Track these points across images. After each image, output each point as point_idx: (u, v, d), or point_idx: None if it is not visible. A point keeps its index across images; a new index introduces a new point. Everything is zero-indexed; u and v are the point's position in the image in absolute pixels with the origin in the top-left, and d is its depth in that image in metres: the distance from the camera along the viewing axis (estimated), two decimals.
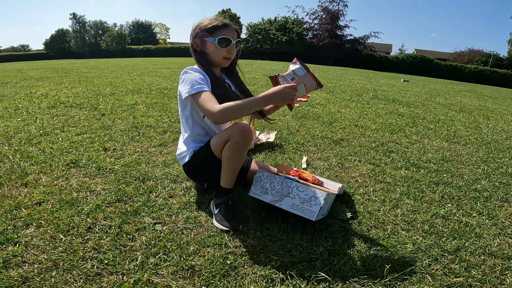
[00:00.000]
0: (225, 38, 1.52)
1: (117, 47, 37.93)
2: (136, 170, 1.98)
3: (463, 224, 1.64)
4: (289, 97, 1.35)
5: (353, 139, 2.99)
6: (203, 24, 1.56)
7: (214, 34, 1.53)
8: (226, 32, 1.53)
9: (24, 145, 2.31)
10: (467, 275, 1.25)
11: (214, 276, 1.17)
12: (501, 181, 2.26)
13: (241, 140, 1.43)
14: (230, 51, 1.56)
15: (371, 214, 1.66)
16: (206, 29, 1.53)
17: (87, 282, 1.10)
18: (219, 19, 1.55)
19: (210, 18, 1.57)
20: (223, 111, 1.33)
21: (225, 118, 1.36)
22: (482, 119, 4.85)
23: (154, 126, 2.97)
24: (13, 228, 1.36)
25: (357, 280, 1.18)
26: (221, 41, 1.52)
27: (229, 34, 1.54)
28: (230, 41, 1.54)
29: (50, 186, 1.74)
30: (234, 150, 1.45)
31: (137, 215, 1.52)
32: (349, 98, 5.45)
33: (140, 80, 6.17)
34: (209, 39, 1.53)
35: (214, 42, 1.53)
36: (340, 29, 30.85)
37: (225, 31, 1.53)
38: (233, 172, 1.52)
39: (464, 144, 3.19)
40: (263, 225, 1.49)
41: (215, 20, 1.54)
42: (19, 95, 4.29)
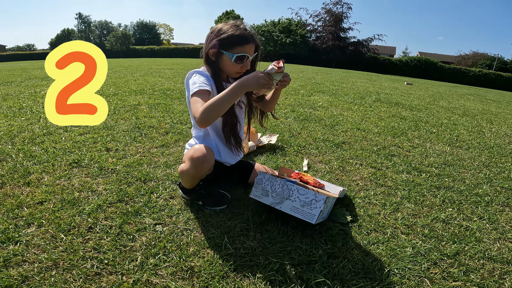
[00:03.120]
0: (241, 56, 1.48)
1: (121, 47, 38.13)
2: (138, 171, 1.99)
3: (463, 228, 1.64)
4: (262, 80, 1.31)
5: (355, 142, 2.99)
6: (223, 33, 1.49)
7: (233, 49, 1.48)
8: (245, 49, 1.49)
9: (27, 145, 2.32)
10: (465, 279, 1.25)
11: (213, 277, 1.17)
12: (502, 185, 2.25)
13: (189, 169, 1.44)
14: (243, 67, 1.53)
15: (371, 217, 1.66)
16: (226, 41, 1.47)
17: (86, 282, 1.11)
18: (241, 31, 1.49)
19: (232, 27, 1.50)
20: (204, 112, 1.30)
21: (208, 118, 1.32)
22: (485, 123, 4.83)
23: (157, 127, 2.98)
24: (14, 227, 1.38)
25: (356, 283, 1.18)
26: (238, 58, 1.49)
27: (248, 50, 1.50)
28: (247, 58, 1.51)
29: (52, 185, 1.76)
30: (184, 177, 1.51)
31: (138, 216, 1.52)
32: (352, 100, 5.45)
33: (143, 81, 6.20)
34: (226, 52, 1.48)
35: (231, 58, 1.48)
36: (343, 32, 30.83)
37: (244, 47, 1.49)
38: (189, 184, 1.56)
39: (466, 148, 3.18)
40: (263, 228, 1.49)
41: (236, 31, 1.48)
42: (23, 94, 4.32)
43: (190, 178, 1.50)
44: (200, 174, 1.48)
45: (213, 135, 1.71)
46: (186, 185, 1.60)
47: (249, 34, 1.51)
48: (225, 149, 1.75)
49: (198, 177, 1.49)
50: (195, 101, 1.38)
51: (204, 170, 1.46)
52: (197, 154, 1.42)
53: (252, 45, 1.52)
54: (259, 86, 1.32)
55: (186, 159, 1.48)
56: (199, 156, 1.42)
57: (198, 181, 1.56)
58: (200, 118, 1.31)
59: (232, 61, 1.49)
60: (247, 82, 1.32)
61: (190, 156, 1.43)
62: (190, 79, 1.52)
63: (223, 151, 1.75)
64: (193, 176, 1.48)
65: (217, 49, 1.49)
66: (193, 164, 1.42)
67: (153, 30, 51.86)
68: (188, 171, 1.46)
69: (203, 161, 1.42)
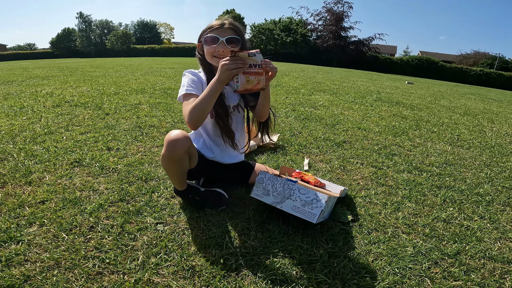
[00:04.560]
0: (210, 37, 1.52)
1: (122, 47, 38.10)
2: (139, 170, 1.99)
3: (464, 228, 1.64)
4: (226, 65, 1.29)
5: (356, 141, 2.99)
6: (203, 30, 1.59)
7: (204, 35, 1.55)
8: (215, 32, 1.52)
9: (29, 144, 2.33)
10: (466, 278, 1.25)
11: (215, 276, 1.18)
12: (503, 185, 2.25)
13: (164, 152, 1.42)
14: (218, 49, 1.53)
15: (372, 217, 1.66)
16: (203, 32, 1.57)
17: (88, 281, 1.11)
18: (216, 21, 1.57)
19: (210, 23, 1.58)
20: (189, 114, 1.36)
21: (195, 119, 1.36)
22: (486, 122, 4.82)
23: (157, 126, 2.98)
24: (16, 226, 1.38)
25: (357, 283, 1.19)
26: (206, 40, 1.54)
27: (218, 32, 1.52)
28: (217, 39, 1.52)
29: (53, 185, 1.76)
30: (163, 162, 1.48)
31: (139, 215, 1.53)
32: (353, 100, 5.45)
33: (144, 80, 6.20)
34: (203, 41, 1.57)
35: (204, 44, 1.57)
36: (344, 31, 30.73)
37: (214, 31, 1.53)
38: (172, 178, 1.57)
39: (467, 147, 3.18)
40: (264, 227, 1.50)
41: (213, 22, 1.57)
42: (24, 93, 4.33)
43: (168, 163, 1.46)
44: (175, 156, 1.42)
45: (204, 134, 1.76)
46: (173, 182, 1.59)
47: (224, 21, 1.55)
48: (217, 148, 1.78)
49: (173, 160, 1.44)
50: (184, 105, 1.45)
51: (178, 151, 1.41)
52: (169, 136, 1.40)
53: (224, 29, 1.54)
54: (227, 71, 1.30)
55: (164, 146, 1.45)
56: (171, 137, 1.39)
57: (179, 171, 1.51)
58: (188, 120, 1.38)
59: (204, 45, 1.56)
60: (217, 75, 1.34)
61: (164, 140, 1.42)
62: (183, 78, 1.59)
63: (215, 149, 1.78)
64: (168, 159, 1.43)
65: (200, 43, 1.60)
66: (166, 145, 1.40)
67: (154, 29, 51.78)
68: (163, 154, 1.42)
69: (175, 142, 1.39)
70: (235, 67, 1.30)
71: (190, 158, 1.53)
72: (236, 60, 1.31)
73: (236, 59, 1.31)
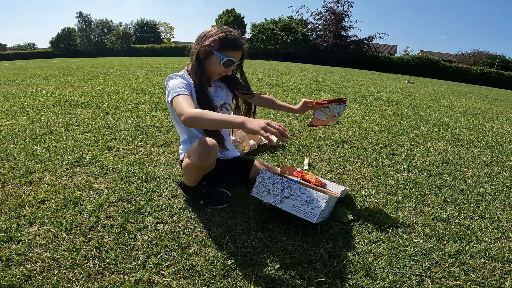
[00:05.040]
0: (231, 60, 1.54)
1: (122, 46, 38.09)
2: (139, 170, 2.00)
3: (464, 227, 1.64)
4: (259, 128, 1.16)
5: (356, 141, 2.99)
6: (216, 35, 1.52)
7: (224, 52, 1.52)
8: (234, 54, 1.54)
9: (29, 143, 2.33)
10: (466, 278, 1.25)
11: (215, 276, 1.18)
12: (504, 184, 2.25)
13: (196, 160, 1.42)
14: (227, 71, 1.59)
15: (372, 216, 1.66)
16: (219, 43, 1.51)
17: (88, 281, 1.12)
18: (234, 37, 1.53)
19: (225, 32, 1.53)
20: (194, 117, 1.28)
21: (193, 123, 1.31)
22: (486, 122, 4.82)
23: (158, 125, 2.98)
24: (16, 226, 1.38)
25: (357, 282, 1.19)
26: (227, 62, 1.54)
27: (236, 56, 1.56)
28: (233, 63, 1.57)
29: (54, 184, 1.76)
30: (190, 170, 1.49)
31: (139, 215, 1.53)
32: (353, 99, 5.44)
33: (144, 79, 6.20)
34: (217, 53, 1.52)
35: (220, 60, 1.52)
36: (344, 30, 30.70)
37: (234, 53, 1.54)
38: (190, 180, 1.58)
39: (468, 147, 3.18)
40: (264, 226, 1.50)
41: (230, 36, 1.52)
42: (24, 93, 4.33)
43: (196, 171, 1.49)
44: (206, 165, 1.46)
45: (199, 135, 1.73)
46: (189, 182, 1.60)
47: (240, 42, 1.56)
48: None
49: (203, 168, 1.48)
50: (179, 102, 1.38)
51: (210, 161, 1.44)
52: (203, 145, 1.41)
53: (240, 53, 1.58)
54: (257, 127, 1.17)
55: (191, 152, 1.47)
56: (204, 146, 1.41)
57: (202, 175, 1.56)
58: (187, 118, 1.29)
59: (220, 63, 1.53)
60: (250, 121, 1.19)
61: (195, 148, 1.43)
62: (170, 81, 1.53)
63: None
64: (199, 167, 1.46)
65: (209, 48, 1.52)
66: (199, 154, 1.41)
67: (154, 29, 51.72)
68: (194, 163, 1.43)
69: (208, 152, 1.41)
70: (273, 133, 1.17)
71: None
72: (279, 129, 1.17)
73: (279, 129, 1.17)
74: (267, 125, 1.16)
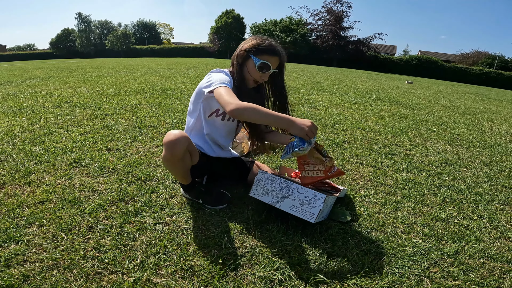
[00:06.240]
0: (266, 64, 1.58)
1: (122, 47, 38.13)
2: (138, 170, 2.00)
3: (463, 227, 1.64)
4: (304, 133, 1.34)
5: (355, 141, 2.99)
6: (256, 41, 1.61)
7: (260, 55, 1.58)
8: (270, 59, 1.59)
9: (28, 144, 2.33)
10: (465, 278, 1.25)
11: (213, 276, 1.18)
12: (503, 184, 2.25)
13: (165, 153, 1.43)
14: (263, 76, 1.61)
15: (371, 216, 1.67)
16: (256, 47, 1.59)
17: (87, 281, 1.12)
18: (274, 45, 1.61)
19: (265, 40, 1.62)
20: (244, 108, 1.35)
21: (242, 114, 1.37)
22: (486, 122, 4.82)
23: (157, 126, 2.98)
24: (15, 226, 1.38)
25: (356, 282, 1.19)
26: (262, 65, 1.58)
27: (272, 61, 1.59)
28: (269, 68, 1.59)
29: (53, 185, 1.76)
30: (165, 164, 1.50)
31: (138, 215, 1.53)
32: (352, 99, 5.45)
33: (143, 80, 6.20)
34: (253, 57, 1.58)
35: (255, 63, 1.58)
36: (344, 30, 30.77)
37: (270, 58, 1.59)
38: (175, 175, 1.60)
39: (467, 147, 3.18)
40: (263, 227, 1.50)
41: (268, 44, 1.60)
42: (24, 94, 4.33)
43: (170, 164, 1.47)
44: (174, 158, 1.43)
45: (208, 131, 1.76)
46: (178, 178, 1.62)
47: (276, 48, 1.62)
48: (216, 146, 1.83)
49: (175, 161, 1.45)
50: (225, 92, 1.43)
51: (177, 152, 1.41)
52: (168, 138, 1.40)
53: (277, 59, 1.62)
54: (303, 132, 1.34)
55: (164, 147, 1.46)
56: (170, 139, 1.39)
57: (182, 168, 1.53)
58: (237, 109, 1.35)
59: (255, 66, 1.58)
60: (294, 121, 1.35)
61: (163, 142, 1.42)
62: (216, 74, 1.60)
63: (214, 147, 1.82)
64: (169, 160, 1.44)
65: (246, 53, 1.60)
66: (166, 147, 1.40)
67: (153, 30, 51.79)
68: (164, 156, 1.43)
69: (174, 143, 1.40)
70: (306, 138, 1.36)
71: (191, 155, 1.54)
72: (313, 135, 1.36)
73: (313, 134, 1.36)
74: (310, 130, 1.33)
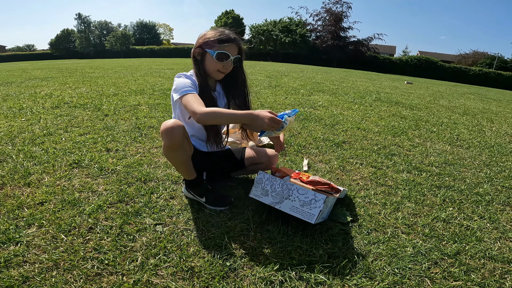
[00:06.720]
0: (223, 53, 1.59)
1: (121, 48, 38.09)
2: (138, 171, 1.99)
3: (464, 227, 1.64)
4: (266, 126, 1.38)
5: (355, 141, 2.99)
6: (207, 35, 1.62)
7: (215, 47, 1.59)
8: (226, 48, 1.59)
9: (28, 145, 2.32)
10: (466, 278, 1.25)
11: (214, 277, 1.17)
12: (503, 184, 2.25)
13: (165, 142, 1.45)
14: (225, 66, 1.62)
15: (372, 217, 1.66)
16: (209, 41, 1.59)
17: (87, 282, 1.11)
18: (224, 33, 1.61)
19: (216, 31, 1.62)
20: (207, 114, 1.40)
21: (206, 120, 1.44)
22: (485, 122, 4.82)
23: (157, 127, 2.98)
24: (15, 227, 1.38)
25: (357, 283, 1.18)
26: (219, 55, 1.59)
27: (229, 49, 1.60)
28: (228, 57, 1.60)
29: (52, 186, 1.76)
30: (165, 153, 1.52)
31: (138, 216, 1.52)
32: (352, 100, 5.45)
33: (143, 81, 6.20)
34: (209, 50, 1.59)
35: (212, 55, 1.59)
36: (343, 31, 30.75)
37: (226, 46, 1.59)
38: (179, 168, 1.62)
39: (467, 147, 3.18)
40: (263, 227, 1.49)
41: (220, 34, 1.60)
42: (23, 94, 4.32)
43: (172, 153, 1.49)
44: (174, 144, 1.45)
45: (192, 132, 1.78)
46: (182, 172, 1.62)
47: (231, 36, 1.62)
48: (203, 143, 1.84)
49: (175, 148, 1.46)
50: (190, 100, 1.47)
51: (176, 138, 1.43)
52: (165, 126, 1.43)
53: (234, 46, 1.62)
54: (264, 125, 1.38)
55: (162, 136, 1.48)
56: (167, 126, 1.42)
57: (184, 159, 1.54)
58: (201, 117, 1.41)
59: (213, 58, 1.59)
60: (256, 116, 1.39)
61: (161, 131, 1.45)
62: (177, 79, 1.62)
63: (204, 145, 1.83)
64: (170, 148, 1.46)
65: (201, 48, 1.62)
66: (165, 135, 1.43)
67: (153, 30, 51.78)
68: (165, 146, 1.46)
69: (172, 129, 1.42)
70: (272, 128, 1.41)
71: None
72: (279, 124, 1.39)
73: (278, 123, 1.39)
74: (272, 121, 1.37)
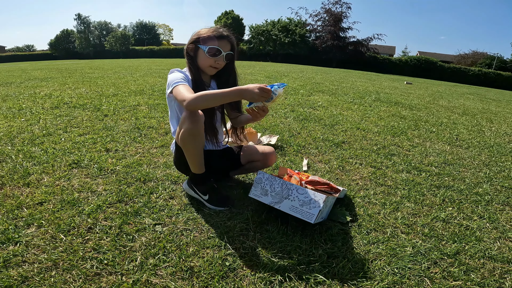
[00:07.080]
0: (214, 48, 1.60)
1: (121, 48, 38.10)
2: (137, 171, 1.99)
3: (463, 227, 1.64)
4: (256, 96, 1.36)
5: (355, 142, 2.99)
6: (201, 32, 1.65)
7: (207, 43, 1.61)
8: (218, 43, 1.61)
9: (27, 145, 2.32)
10: (466, 278, 1.25)
11: (213, 277, 1.17)
12: (502, 184, 2.25)
13: (187, 126, 1.46)
14: (217, 61, 1.63)
15: (371, 217, 1.66)
16: (202, 37, 1.62)
17: (86, 282, 1.11)
18: (217, 30, 1.64)
19: (210, 28, 1.66)
20: (196, 98, 1.38)
21: (197, 104, 1.40)
22: (485, 122, 4.83)
23: (156, 127, 2.98)
24: (14, 227, 1.37)
25: (356, 283, 1.18)
26: (210, 50, 1.60)
27: (221, 45, 1.61)
28: (220, 52, 1.61)
29: (52, 186, 1.75)
30: (184, 137, 1.50)
31: (138, 216, 1.52)
32: (351, 100, 5.45)
33: (143, 81, 6.19)
34: (201, 46, 1.62)
35: (204, 50, 1.61)
36: (343, 31, 30.72)
37: (218, 42, 1.61)
38: (193, 157, 1.59)
39: (466, 147, 3.18)
40: (262, 227, 1.49)
41: (213, 31, 1.63)
42: (23, 95, 4.32)
43: (192, 139, 1.49)
44: (201, 128, 1.47)
45: None
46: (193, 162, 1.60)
47: (224, 33, 1.64)
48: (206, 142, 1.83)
49: (198, 133, 1.48)
50: (180, 90, 1.47)
51: (201, 122, 1.46)
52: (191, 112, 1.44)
53: (226, 42, 1.64)
54: (255, 96, 1.37)
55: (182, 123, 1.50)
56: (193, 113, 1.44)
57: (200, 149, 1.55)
58: (190, 102, 1.38)
59: (205, 53, 1.61)
60: (245, 89, 1.37)
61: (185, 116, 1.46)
62: (170, 75, 1.63)
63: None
64: (194, 133, 1.47)
65: (194, 44, 1.64)
66: (192, 119, 1.44)
67: (153, 31, 51.78)
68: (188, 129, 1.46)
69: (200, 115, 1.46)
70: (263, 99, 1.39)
71: None
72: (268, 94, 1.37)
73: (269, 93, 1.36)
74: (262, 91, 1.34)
